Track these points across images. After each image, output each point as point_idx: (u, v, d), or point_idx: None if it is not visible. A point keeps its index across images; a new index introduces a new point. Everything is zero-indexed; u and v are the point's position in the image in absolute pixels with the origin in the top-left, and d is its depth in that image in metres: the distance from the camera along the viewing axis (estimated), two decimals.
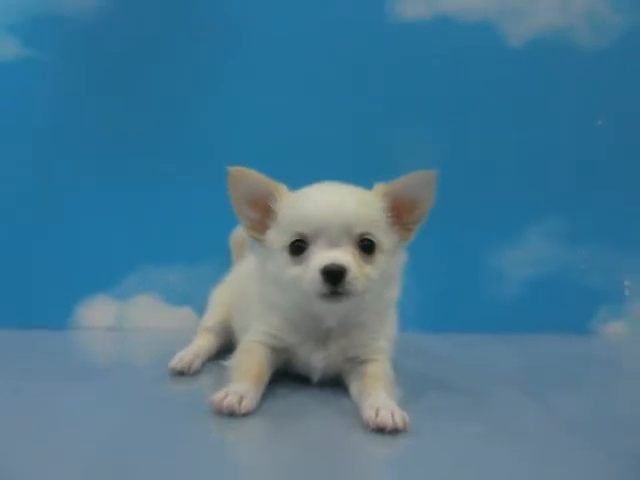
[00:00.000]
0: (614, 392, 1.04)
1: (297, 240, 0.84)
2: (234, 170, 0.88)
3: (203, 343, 1.10)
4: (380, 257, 0.86)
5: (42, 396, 0.89)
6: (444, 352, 1.28)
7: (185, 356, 1.03)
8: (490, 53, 1.43)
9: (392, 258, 0.89)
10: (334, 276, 0.80)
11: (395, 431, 0.73)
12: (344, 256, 0.82)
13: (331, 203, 0.84)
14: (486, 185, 1.44)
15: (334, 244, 0.83)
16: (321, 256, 0.82)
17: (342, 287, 0.81)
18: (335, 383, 0.93)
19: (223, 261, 1.30)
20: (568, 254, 1.46)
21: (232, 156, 1.32)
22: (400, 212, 0.90)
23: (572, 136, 1.45)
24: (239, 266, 1.20)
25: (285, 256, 0.86)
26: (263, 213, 0.90)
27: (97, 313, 1.38)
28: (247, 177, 0.89)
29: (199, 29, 1.38)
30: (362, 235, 0.85)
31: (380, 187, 0.89)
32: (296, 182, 0.92)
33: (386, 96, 1.41)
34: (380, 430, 0.73)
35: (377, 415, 0.75)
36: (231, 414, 0.77)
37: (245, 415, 0.78)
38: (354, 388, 0.87)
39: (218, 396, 0.79)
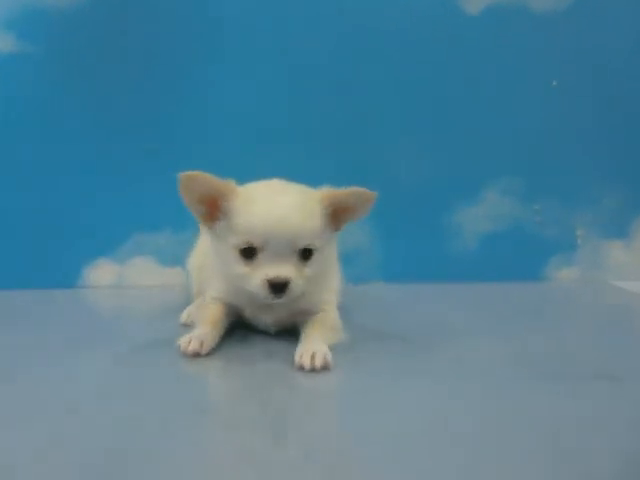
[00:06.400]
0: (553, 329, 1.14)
1: (248, 247, 0.94)
2: (183, 176, 0.94)
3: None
4: (316, 257, 0.96)
5: (59, 337, 1.07)
6: (403, 301, 1.38)
7: (191, 309, 1.15)
8: (449, 21, 1.47)
9: (326, 250, 0.99)
10: (278, 287, 0.92)
11: (313, 370, 0.85)
12: (288, 270, 0.92)
13: (278, 217, 0.92)
14: (447, 148, 1.51)
15: (279, 255, 0.92)
16: (268, 267, 0.92)
17: (283, 293, 0.92)
18: (292, 330, 1.03)
19: None
20: (523, 210, 1.53)
21: (210, 138, 1.48)
22: (338, 214, 0.99)
23: (527, 98, 1.50)
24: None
25: (235, 254, 0.95)
26: (213, 207, 0.97)
27: (101, 274, 1.51)
28: (196, 180, 0.95)
29: (181, 19, 1.46)
30: (305, 247, 0.94)
31: (325, 192, 0.99)
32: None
33: (354, 66, 1.50)
34: (301, 369, 0.86)
35: (300, 357, 0.87)
36: (196, 356, 0.91)
37: (207, 355, 0.92)
38: (301, 335, 0.97)
39: (184, 340, 0.92)
